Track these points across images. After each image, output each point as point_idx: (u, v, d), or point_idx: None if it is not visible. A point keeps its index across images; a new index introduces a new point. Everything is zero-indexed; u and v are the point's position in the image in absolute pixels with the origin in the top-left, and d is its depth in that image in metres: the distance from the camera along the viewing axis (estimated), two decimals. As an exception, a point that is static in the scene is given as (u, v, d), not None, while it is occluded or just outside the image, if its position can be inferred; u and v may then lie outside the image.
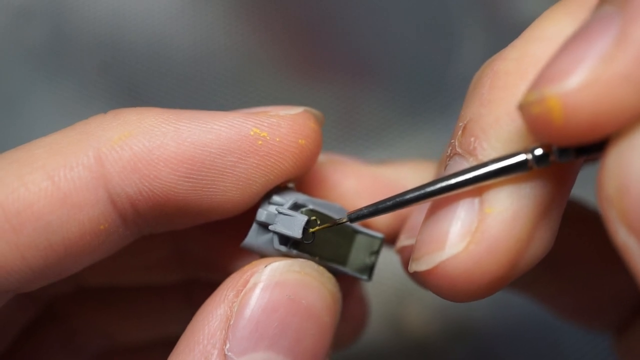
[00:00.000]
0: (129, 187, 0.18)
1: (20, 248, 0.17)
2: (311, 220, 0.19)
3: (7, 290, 0.17)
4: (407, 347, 0.40)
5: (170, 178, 0.18)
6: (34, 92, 0.42)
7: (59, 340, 0.25)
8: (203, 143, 0.18)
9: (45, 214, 0.17)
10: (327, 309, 0.18)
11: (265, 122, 0.19)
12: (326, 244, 0.20)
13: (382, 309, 0.40)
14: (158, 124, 0.18)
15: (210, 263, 0.24)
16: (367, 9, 0.44)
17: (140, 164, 0.18)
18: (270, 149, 0.19)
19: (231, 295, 0.18)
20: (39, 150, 0.18)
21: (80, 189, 0.17)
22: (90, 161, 0.17)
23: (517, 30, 0.19)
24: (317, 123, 0.20)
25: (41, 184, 0.17)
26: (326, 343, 0.18)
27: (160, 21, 0.43)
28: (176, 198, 0.18)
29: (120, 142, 0.18)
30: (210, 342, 0.17)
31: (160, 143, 0.18)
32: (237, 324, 0.17)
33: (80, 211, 0.17)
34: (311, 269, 0.19)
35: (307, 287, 0.18)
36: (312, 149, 0.20)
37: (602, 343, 0.38)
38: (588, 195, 0.22)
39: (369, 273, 0.21)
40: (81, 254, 0.18)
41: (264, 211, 0.19)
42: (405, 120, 0.45)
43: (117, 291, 0.25)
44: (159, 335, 0.26)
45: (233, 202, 0.19)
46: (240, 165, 0.18)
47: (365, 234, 0.21)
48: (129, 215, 0.18)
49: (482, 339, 0.40)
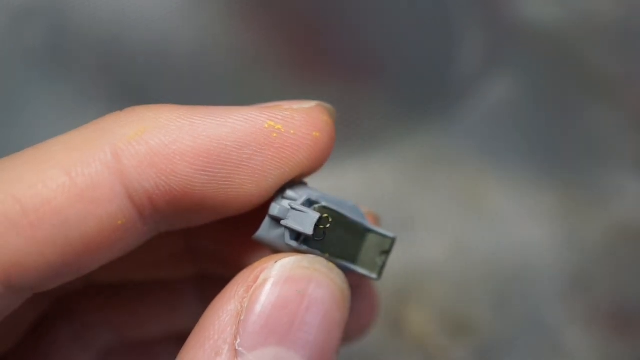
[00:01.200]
0: (146, 182, 0.18)
1: (39, 244, 0.17)
2: (323, 217, 0.19)
3: (26, 289, 0.17)
4: (407, 347, 0.40)
5: (187, 172, 0.18)
6: (34, 92, 0.42)
7: (69, 336, 0.25)
8: (219, 136, 0.18)
9: (63, 209, 0.17)
10: (336, 304, 0.18)
11: (280, 115, 0.19)
12: (337, 242, 0.20)
13: (382, 309, 0.40)
14: (173, 119, 0.18)
15: (223, 258, 0.24)
16: (367, 9, 0.44)
17: (156, 158, 0.18)
18: (285, 141, 0.19)
19: (242, 291, 0.18)
20: (55, 147, 0.18)
21: (98, 185, 0.17)
22: (107, 157, 0.17)
23: (517, 30, 0.19)
24: (330, 116, 0.20)
25: (59, 180, 0.17)
26: (335, 338, 0.18)
27: (161, 21, 0.43)
28: (193, 192, 0.18)
29: (137, 137, 0.18)
30: (221, 337, 0.17)
31: (176, 137, 0.18)
32: (247, 319, 0.17)
33: (98, 207, 0.17)
34: (320, 265, 0.19)
35: (317, 283, 0.18)
36: (326, 141, 0.20)
37: (602, 343, 0.38)
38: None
39: (379, 272, 0.21)
40: (99, 251, 0.18)
41: (277, 205, 0.19)
42: (405, 120, 0.45)
43: (128, 286, 0.25)
44: (170, 330, 0.26)
45: (249, 195, 0.19)
46: (256, 158, 0.18)
47: (377, 232, 0.21)
48: (147, 211, 0.18)
49: (482, 339, 0.40)
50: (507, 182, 0.44)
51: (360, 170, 0.44)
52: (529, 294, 0.41)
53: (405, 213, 0.43)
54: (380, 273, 0.21)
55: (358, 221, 0.20)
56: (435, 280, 0.41)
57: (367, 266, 0.21)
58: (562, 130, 0.45)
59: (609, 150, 0.45)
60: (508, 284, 0.41)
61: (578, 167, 0.45)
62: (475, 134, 0.45)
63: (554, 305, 0.40)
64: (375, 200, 0.44)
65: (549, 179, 0.44)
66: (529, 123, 0.46)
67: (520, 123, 0.45)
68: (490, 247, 0.42)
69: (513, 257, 0.42)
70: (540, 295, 0.41)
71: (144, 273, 0.25)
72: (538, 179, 0.44)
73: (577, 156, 0.45)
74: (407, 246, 0.42)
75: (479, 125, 0.45)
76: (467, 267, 0.42)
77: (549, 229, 0.43)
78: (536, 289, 0.41)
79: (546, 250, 0.42)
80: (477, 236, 0.43)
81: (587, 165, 0.45)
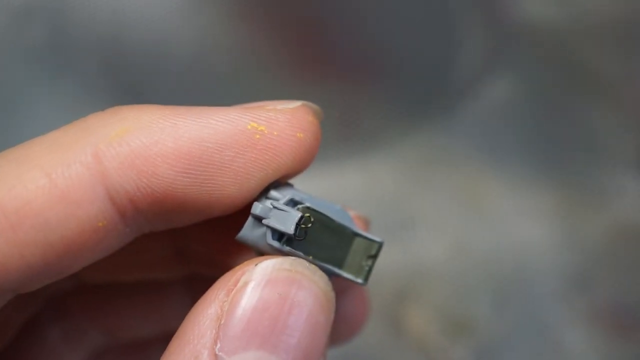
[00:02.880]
0: (127, 184, 0.17)
1: (19, 246, 0.17)
2: (305, 217, 0.19)
3: (7, 290, 0.17)
4: (407, 347, 0.40)
5: (168, 174, 0.18)
6: (34, 92, 0.42)
7: (59, 337, 0.24)
8: (200, 138, 0.18)
9: (43, 211, 0.17)
10: (320, 307, 0.18)
11: (263, 115, 0.19)
12: (322, 245, 0.20)
13: (382, 309, 0.40)
14: (155, 120, 0.18)
15: (211, 259, 0.24)
16: (367, 9, 0.44)
17: (137, 160, 0.17)
18: (268, 142, 0.18)
19: (222, 295, 0.17)
20: (36, 148, 0.17)
21: (78, 186, 0.17)
22: (88, 158, 0.17)
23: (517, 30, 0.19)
24: (316, 117, 0.20)
25: (39, 182, 0.17)
26: (320, 342, 0.18)
27: (161, 20, 0.43)
28: (175, 194, 0.18)
29: (118, 138, 0.17)
30: (200, 342, 0.17)
31: (157, 139, 0.18)
32: (227, 323, 0.17)
33: (79, 208, 0.17)
34: (302, 267, 0.18)
35: (298, 285, 0.18)
36: (310, 142, 0.19)
37: (602, 343, 0.38)
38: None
39: (365, 277, 0.20)
40: (80, 252, 0.18)
41: (260, 205, 0.19)
42: (405, 120, 0.45)
43: (118, 287, 0.25)
44: (160, 331, 0.26)
45: (231, 197, 0.19)
46: (238, 160, 0.18)
47: (364, 237, 0.21)
48: (128, 212, 0.18)
49: (482, 339, 0.40)
50: (507, 182, 0.44)
51: (360, 170, 0.44)
52: (529, 294, 0.41)
53: (405, 213, 0.43)
54: (367, 278, 0.21)
55: (344, 224, 0.20)
56: (435, 280, 0.41)
57: (353, 271, 0.20)
58: (562, 131, 0.45)
59: (609, 150, 0.45)
60: (508, 284, 0.41)
61: (578, 167, 0.45)
62: (475, 134, 0.45)
63: (554, 305, 0.40)
64: (375, 200, 0.44)
65: (549, 179, 0.44)
66: (529, 123, 0.46)
67: (520, 123, 0.45)
68: (490, 247, 0.42)
69: (513, 257, 0.42)
70: (540, 295, 0.41)
71: (134, 274, 0.25)
72: (538, 179, 0.44)
73: (577, 156, 0.45)
74: (407, 246, 0.42)
75: (479, 125, 0.45)
76: (467, 267, 0.42)
77: (549, 229, 0.43)
78: (536, 289, 0.41)
79: (546, 250, 0.42)
80: (477, 236, 0.43)
81: (587, 165, 0.44)
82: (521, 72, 0.45)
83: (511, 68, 0.45)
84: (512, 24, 0.44)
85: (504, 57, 0.45)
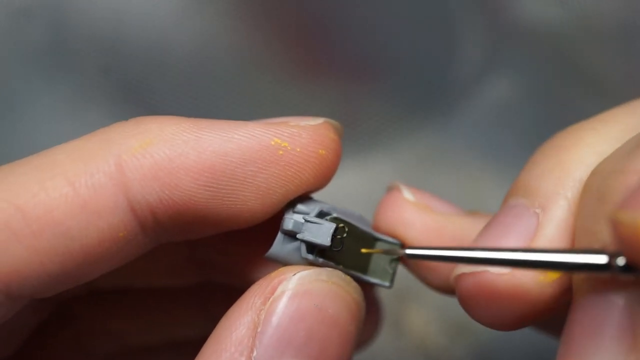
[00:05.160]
0: (149, 195, 0.18)
1: (39, 253, 0.17)
2: (339, 227, 0.19)
3: (23, 296, 0.17)
4: (407, 347, 0.40)
5: (190, 187, 0.18)
6: (34, 93, 0.42)
7: (70, 342, 0.25)
8: (224, 152, 0.18)
9: (65, 219, 0.17)
10: (352, 318, 0.18)
11: (286, 132, 0.19)
12: (349, 253, 0.20)
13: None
14: (179, 132, 0.18)
15: (226, 269, 0.24)
16: (367, 9, 0.44)
17: (161, 172, 0.18)
18: (291, 158, 0.19)
19: (258, 303, 0.18)
20: (60, 156, 0.18)
21: (101, 196, 0.17)
22: (111, 168, 0.17)
23: (517, 30, 0.19)
24: (337, 134, 0.20)
25: (62, 190, 0.17)
26: (349, 351, 0.18)
27: (162, 21, 0.43)
28: (196, 207, 0.18)
29: (142, 150, 0.18)
30: (237, 349, 0.17)
31: (181, 152, 0.18)
32: (264, 331, 0.17)
33: (100, 218, 0.17)
34: (338, 278, 0.19)
35: (334, 297, 0.18)
36: (332, 159, 0.20)
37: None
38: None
39: (391, 280, 0.21)
40: (99, 261, 0.18)
41: (291, 219, 0.19)
42: (405, 120, 0.45)
43: (130, 293, 0.25)
44: (171, 338, 0.26)
45: (252, 211, 0.19)
46: (261, 175, 0.18)
47: (386, 241, 0.21)
48: (149, 224, 0.18)
49: (482, 339, 0.40)
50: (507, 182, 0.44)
51: (360, 170, 0.44)
52: (529, 294, 0.41)
53: (405, 213, 0.43)
54: (392, 281, 0.21)
55: (367, 230, 0.20)
56: (435, 280, 0.41)
57: (378, 275, 0.21)
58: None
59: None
60: (508, 284, 0.41)
61: (578, 167, 0.45)
62: (475, 133, 0.45)
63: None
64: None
65: (549, 179, 0.44)
66: (529, 123, 0.46)
67: (520, 123, 0.45)
68: (490, 247, 0.42)
69: (513, 257, 0.42)
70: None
71: (147, 280, 0.25)
72: (538, 179, 0.44)
73: (577, 156, 0.45)
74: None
75: (479, 125, 0.45)
76: (467, 267, 0.42)
77: (548, 229, 0.43)
78: (536, 289, 0.41)
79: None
80: (477, 236, 0.43)
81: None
82: (521, 72, 0.45)
83: (511, 68, 0.45)
84: (512, 24, 0.44)
85: (503, 57, 0.45)
